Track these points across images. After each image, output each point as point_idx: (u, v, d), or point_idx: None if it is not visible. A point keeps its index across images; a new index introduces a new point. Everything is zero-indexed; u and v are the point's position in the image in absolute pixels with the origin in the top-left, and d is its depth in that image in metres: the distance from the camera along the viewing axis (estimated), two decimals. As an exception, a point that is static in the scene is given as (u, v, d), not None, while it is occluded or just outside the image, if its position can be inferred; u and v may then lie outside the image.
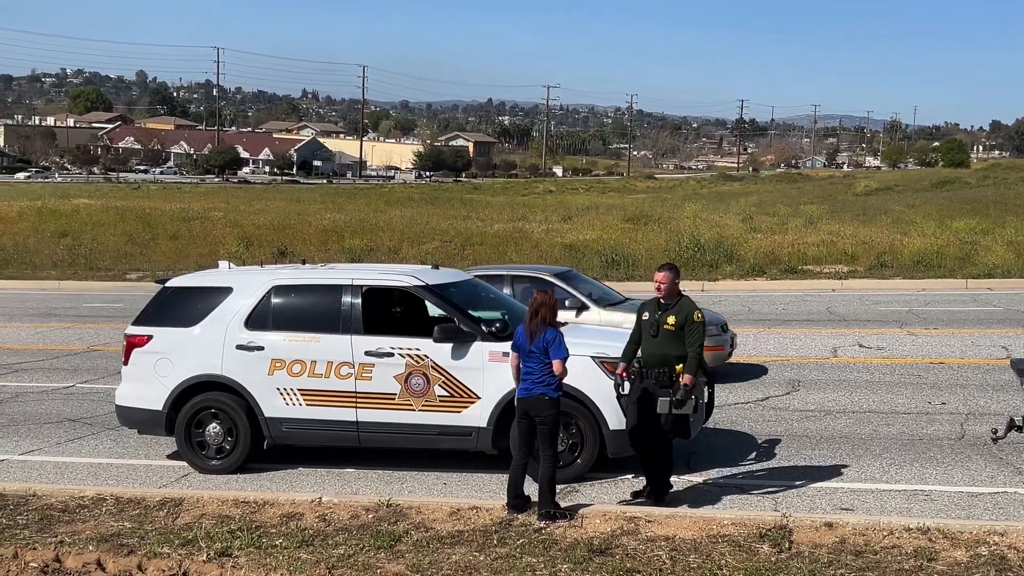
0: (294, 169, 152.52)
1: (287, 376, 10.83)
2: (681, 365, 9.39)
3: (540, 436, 9.06)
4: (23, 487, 10.25)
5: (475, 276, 13.37)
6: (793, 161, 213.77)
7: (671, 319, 9.54)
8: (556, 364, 8.98)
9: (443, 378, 10.49)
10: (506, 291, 14.68)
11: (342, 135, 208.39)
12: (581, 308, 15.24)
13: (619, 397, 9.76)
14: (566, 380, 10.03)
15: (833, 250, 32.24)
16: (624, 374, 9.65)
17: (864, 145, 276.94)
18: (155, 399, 11.19)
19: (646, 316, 9.69)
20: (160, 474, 11.24)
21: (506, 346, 10.41)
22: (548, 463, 9.04)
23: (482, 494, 10.13)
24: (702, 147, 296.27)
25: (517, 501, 9.13)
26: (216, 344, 11.05)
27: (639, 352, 9.71)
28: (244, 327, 11.05)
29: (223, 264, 12.46)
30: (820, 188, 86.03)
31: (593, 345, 10.58)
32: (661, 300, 9.71)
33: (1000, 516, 9.05)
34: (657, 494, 9.63)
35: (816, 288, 27.28)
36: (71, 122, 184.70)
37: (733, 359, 15.99)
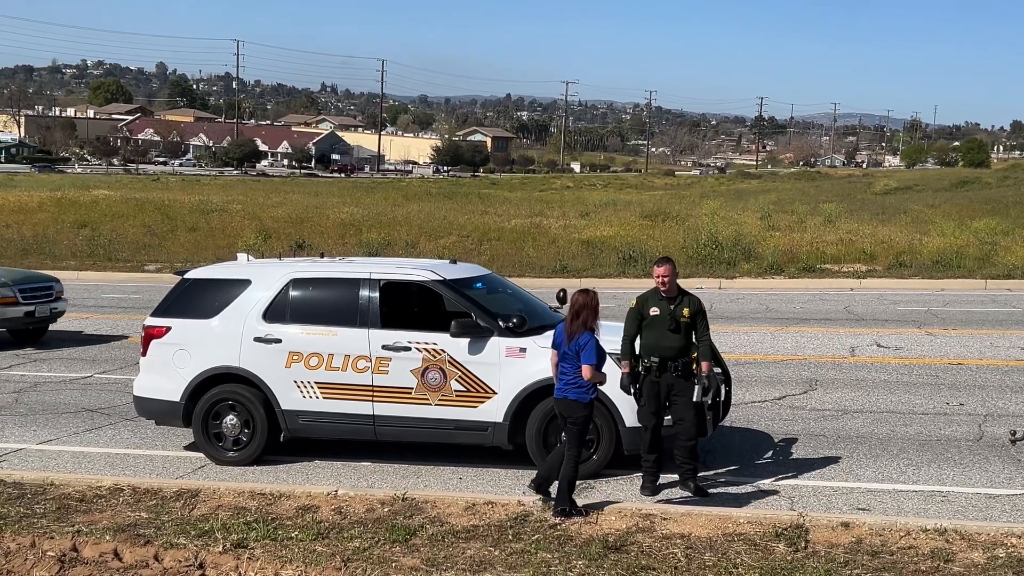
0: (312, 162, 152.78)
1: (304, 369, 10.86)
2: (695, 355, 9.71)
3: (567, 435, 9.10)
4: (41, 476, 10.31)
5: None
6: (812, 159, 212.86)
7: (686, 311, 9.76)
8: (585, 370, 8.97)
9: (460, 373, 10.49)
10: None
11: (360, 129, 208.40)
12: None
13: (633, 393, 9.77)
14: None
15: (852, 249, 32.11)
16: (630, 371, 9.67)
17: (884, 144, 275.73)
18: (173, 390, 11.23)
19: (655, 311, 9.73)
20: (177, 465, 11.28)
21: (523, 342, 10.44)
22: (571, 462, 9.04)
23: (497, 489, 10.14)
24: (720, 144, 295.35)
25: (543, 483, 9.20)
26: (234, 336, 11.08)
27: (637, 348, 9.79)
28: (262, 319, 11.07)
29: (242, 256, 12.50)
30: (839, 187, 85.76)
31: (610, 342, 10.54)
32: (663, 293, 9.79)
33: (1018, 518, 9.01)
34: (696, 483, 9.68)
35: (834, 287, 27.18)
36: (91, 113, 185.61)
37: (750, 357, 15.97)
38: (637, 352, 9.85)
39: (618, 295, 26.23)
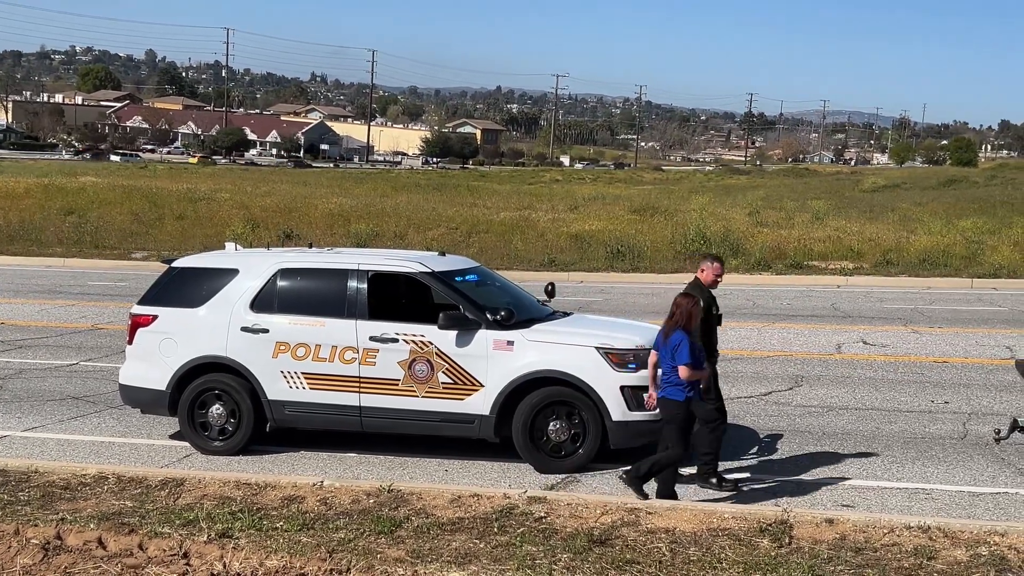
0: (301, 152, 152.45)
1: (291, 359, 10.84)
2: None
3: (666, 433, 9.25)
4: (25, 463, 10.27)
5: None
6: (800, 156, 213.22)
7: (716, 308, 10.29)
8: (682, 370, 9.08)
9: (447, 365, 10.48)
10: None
11: (350, 119, 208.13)
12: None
13: (700, 401, 9.41)
14: (569, 370, 10.16)
15: (839, 246, 32.20)
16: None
17: (872, 142, 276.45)
18: (159, 379, 11.20)
19: (715, 310, 10.17)
20: (162, 454, 11.26)
21: (510, 335, 10.44)
22: (671, 461, 9.24)
23: (483, 481, 10.15)
24: (710, 140, 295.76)
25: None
26: (221, 325, 11.05)
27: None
28: (249, 309, 11.05)
29: (230, 246, 12.47)
30: (827, 184, 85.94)
31: (597, 335, 10.59)
32: (711, 291, 10.20)
33: (1001, 516, 9.06)
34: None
35: (821, 284, 27.24)
36: (79, 100, 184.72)
37: (736, 353, 16.03)
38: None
39: (606, 289, 26.29)
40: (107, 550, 7.93)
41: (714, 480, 9.62)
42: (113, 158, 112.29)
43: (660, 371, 9.32)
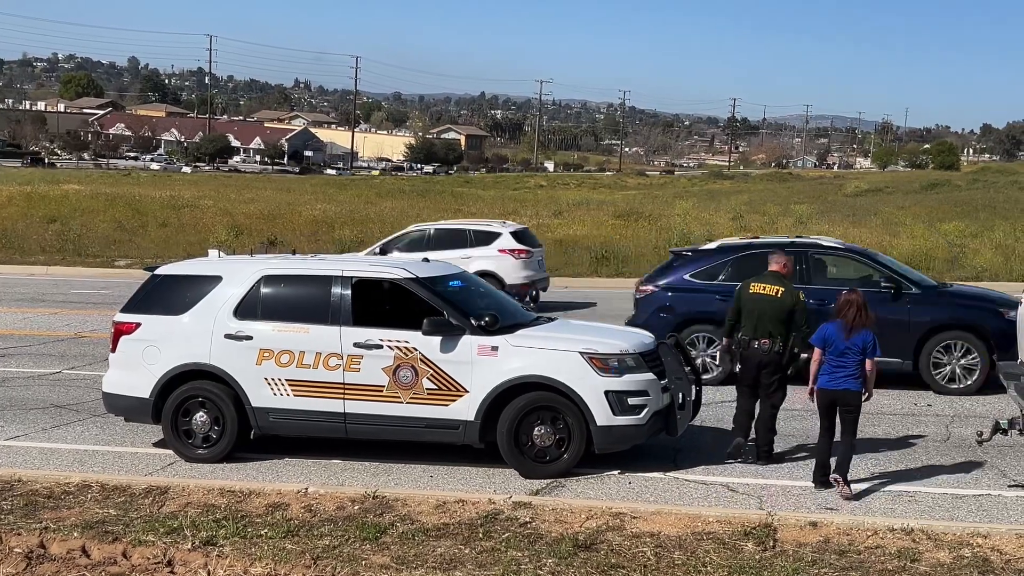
0: (285, 159, 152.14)
1: (275, 366, 10.82)
2: None
3: (846, 423, 9.84)
4: (8, 472, 10.23)
5: None
6: (784, 161, 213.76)
7: None
8: (869, 364, 9.70)
9: (431, 371, 10.49)
10: None
11: (334, 125, 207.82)
12: None
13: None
14: (554, 375, 10.22)
15: (822, 250, 32.24)
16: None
17: (855, 146, 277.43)
18: (142, 387, 11.17)
19: None
20: (146, 462, 11.21)
21: (495, 340, 10.45)
22: (850, 447, 9.82)
23: (468, 487, 10.15)
24: (694, 145, 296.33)
25: (824, 478, 9.84)
26: (204, 333, 11.03)
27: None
28: (233, 316, 11.03)
29: (213, 253, 12.45)
30: (810, 188, 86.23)
31: (582, 340, 10.61)
32: None
33: (983, 518, 9.11)
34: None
35: (805, 288, 27.24)
36: (62, 107, 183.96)
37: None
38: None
39: (591, 294, 26.33)
40: (91, 558, 7.92)
41: (766, 455, 10.87)
42: (329, 171, 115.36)
43: (837, 365, 9.73)
